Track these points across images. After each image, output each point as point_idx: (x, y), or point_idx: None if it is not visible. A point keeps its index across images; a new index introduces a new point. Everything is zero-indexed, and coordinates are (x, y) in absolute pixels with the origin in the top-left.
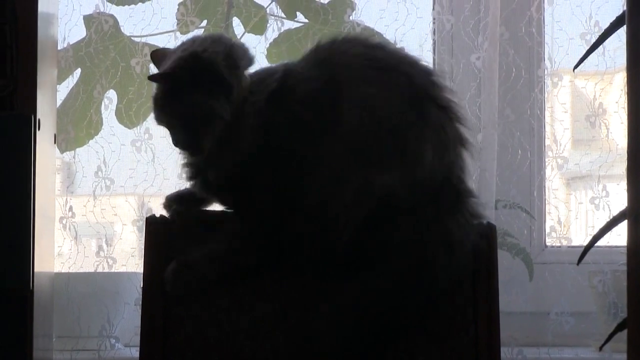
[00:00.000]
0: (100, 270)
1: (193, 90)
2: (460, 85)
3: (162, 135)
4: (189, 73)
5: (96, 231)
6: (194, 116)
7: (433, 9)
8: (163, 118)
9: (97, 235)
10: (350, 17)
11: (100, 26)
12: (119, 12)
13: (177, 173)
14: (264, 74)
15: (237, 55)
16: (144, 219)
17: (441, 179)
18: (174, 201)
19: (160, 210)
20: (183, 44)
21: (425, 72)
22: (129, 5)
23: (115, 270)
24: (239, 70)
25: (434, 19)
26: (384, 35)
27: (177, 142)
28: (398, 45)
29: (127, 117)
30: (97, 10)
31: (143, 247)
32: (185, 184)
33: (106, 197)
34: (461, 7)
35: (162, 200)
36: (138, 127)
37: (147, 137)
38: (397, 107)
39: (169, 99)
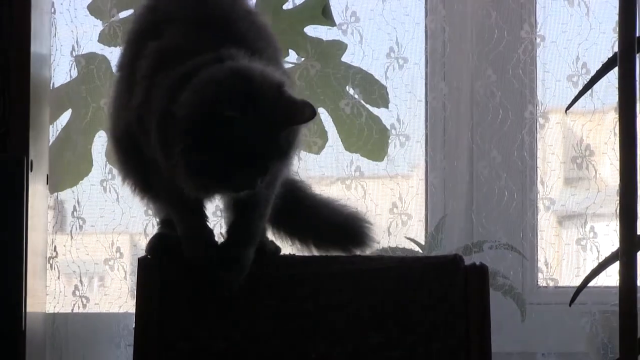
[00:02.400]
0: (76, 310)
1: None
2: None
3: None
4: None
5: (72, 270)
6: None
7: (425, 49)
8: None
9: (74, 275)
10: (342, 59)
11: (92, 66)
12: (110, 53)
13: (143, 210)
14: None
15: None
16: (115, 258)
17: None
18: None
19: (129, 248)
20: None
21: None
22: (120, 46)
23: (90, 311)
24: None
25: (425, 56)
26: (375, 75)
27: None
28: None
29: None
30: (87, 51)
31: (115, 286)
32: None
33: (80, 237)
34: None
35: (130, 238)
36: (103, 167)
37: (111, 177)
38: None
39: None
